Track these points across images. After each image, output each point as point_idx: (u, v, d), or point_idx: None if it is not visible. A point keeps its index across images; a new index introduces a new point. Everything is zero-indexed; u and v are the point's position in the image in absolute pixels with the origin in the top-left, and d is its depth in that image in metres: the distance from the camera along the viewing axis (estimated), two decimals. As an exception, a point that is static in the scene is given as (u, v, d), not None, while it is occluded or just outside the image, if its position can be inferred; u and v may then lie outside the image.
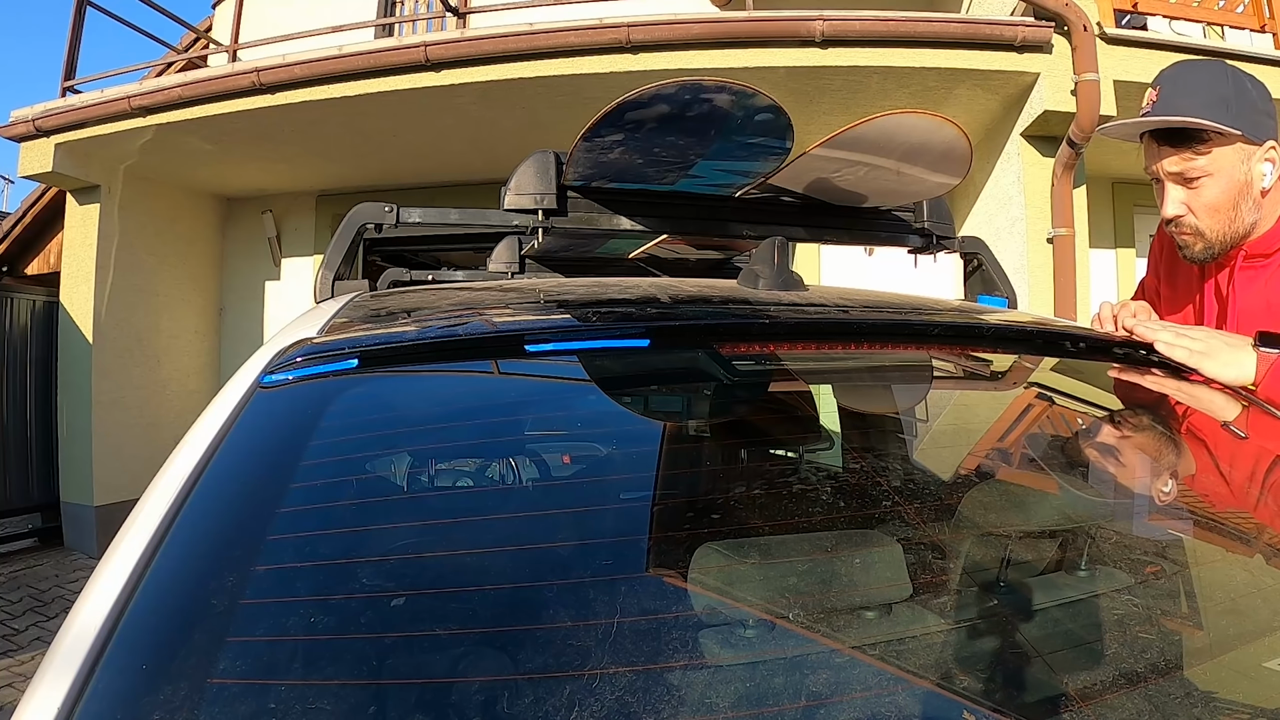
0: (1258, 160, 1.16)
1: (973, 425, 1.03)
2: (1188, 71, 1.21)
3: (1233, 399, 1.00)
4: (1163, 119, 1.17)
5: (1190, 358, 1.04)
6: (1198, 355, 1.04)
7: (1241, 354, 1.06)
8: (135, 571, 0.53)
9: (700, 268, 1.95)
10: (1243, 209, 1.18)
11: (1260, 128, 1.15)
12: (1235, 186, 1.16)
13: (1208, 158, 1.16)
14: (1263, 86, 1.19)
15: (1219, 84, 1.16)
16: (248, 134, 4.69)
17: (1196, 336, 1.07)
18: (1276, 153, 1.17)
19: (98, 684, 0.46)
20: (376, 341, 0.82)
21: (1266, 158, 1.16)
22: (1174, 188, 1.20)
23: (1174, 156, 1.18)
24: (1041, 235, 3.96)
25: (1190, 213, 1.20)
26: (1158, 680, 0.54)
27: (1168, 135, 1.18)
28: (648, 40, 3.88)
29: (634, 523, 0.72)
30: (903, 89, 4.07)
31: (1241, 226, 1.19)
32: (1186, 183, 1.19)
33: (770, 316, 0.93)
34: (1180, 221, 1.21)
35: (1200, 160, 1.16)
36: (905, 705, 0.51)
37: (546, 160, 1.28)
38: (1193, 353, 1.04)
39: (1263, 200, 1.19)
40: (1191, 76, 1.19)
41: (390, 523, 0.70)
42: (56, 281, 5.27)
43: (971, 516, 0.77)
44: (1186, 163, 1.17)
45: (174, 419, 5.49)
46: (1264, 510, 0.81)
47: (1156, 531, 0.78)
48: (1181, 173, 1.18)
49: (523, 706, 0.47)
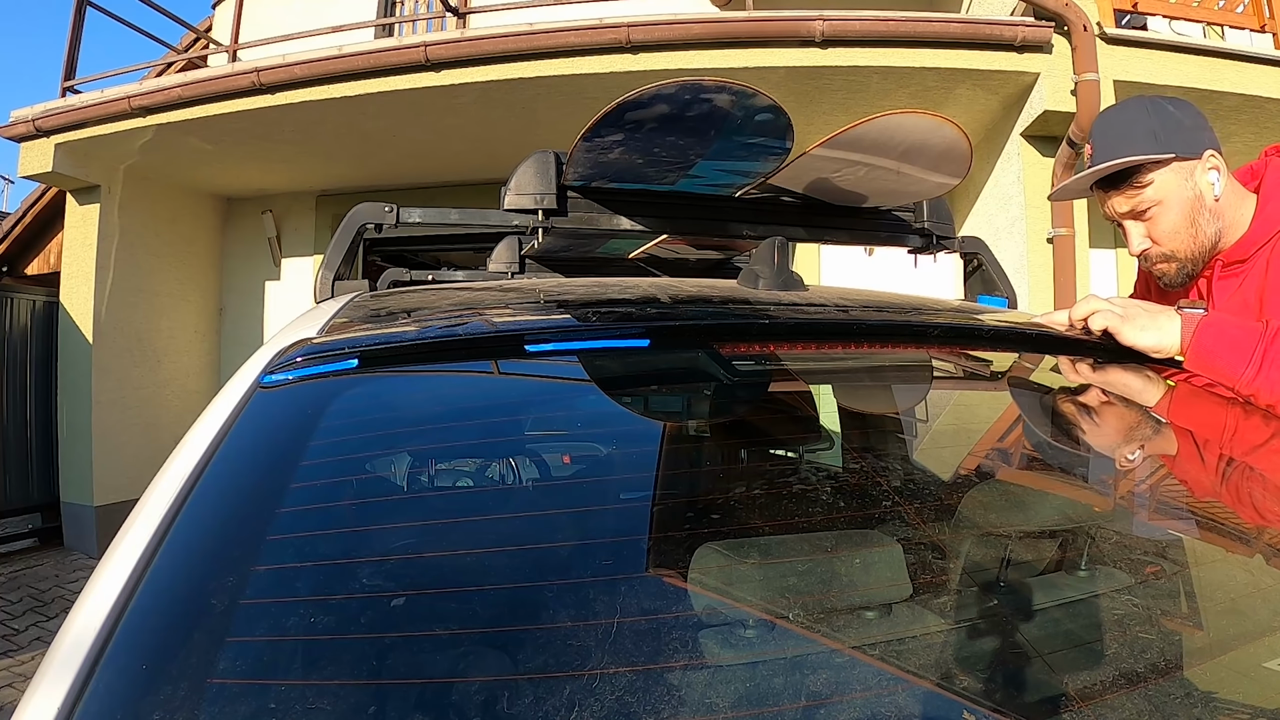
0: (1201, 173, 1.19)
1: (973, 425, 1.03)
2: (1112, 118, 1.26)
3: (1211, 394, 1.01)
4: (1094, 169, 1.22)
5: (1108, 321, 1.04)
6: (1117, 319, 1.04)
7: (1162, 318, 1.05)
8: (135, 571, 0.53)
9: (700, 268, 1.95)
10: (1201, 222, 1.20)
11: (1192, 143, 1.19)
12: (1187, 204, 1.20)
13: (1151, 187, 1.20)
14: (1186, 105, 1.23)
15: (1141, 119, 1.21)
16: (248, 134, 4.69)
17: (1116, 303, 1.07)
18: (1217, 159, 1.20)
19: (98, 684, 0.46)
20: (376, 341, 0.82)
21: (1210, 167, 1.19)
22: (1132, 225, 1.25)
23: (1119, 197, 1.23)
24: (1041, 235, 3.96)
25: (1155, 242, 1.24)
26: (1158, 680, 0.54)
27: (1110, 180, 1.23)
28: (648, 40, 3.88)
29: (634, 523, 0.72)
30: (903, 89, 4.07)
31: (1205, 239, 1.21)
32: (1140, 216, 1.23)
33: (770, 316, 0.93)
34: (1148, 254, 1.25)
35: (1146, 192, 1.20)
36: (905, 705, 0.51)
37: (546, 160, 1.28)
38: (1114, 316, 1.04)
39: (1220, 208, 1.21)
40: (1116, 120, 1.24)
41: (390, 523, 0.70)
42: (56, 281, 5.28)
43: (971, 516, 0.77)
44: (1133, 199, 1.22)
45: (174, 419, 5.49)
46: (1254, 503, 0.81)
47: (1156, 531, 0.78)
48: (1133, 209, 1.23)
49: (523, 706, 0.47)
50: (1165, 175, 1.19)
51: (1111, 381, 1.04)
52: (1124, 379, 1.04)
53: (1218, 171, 1.19)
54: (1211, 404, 1.02)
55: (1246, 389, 1.00)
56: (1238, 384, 1.00)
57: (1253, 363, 1.00)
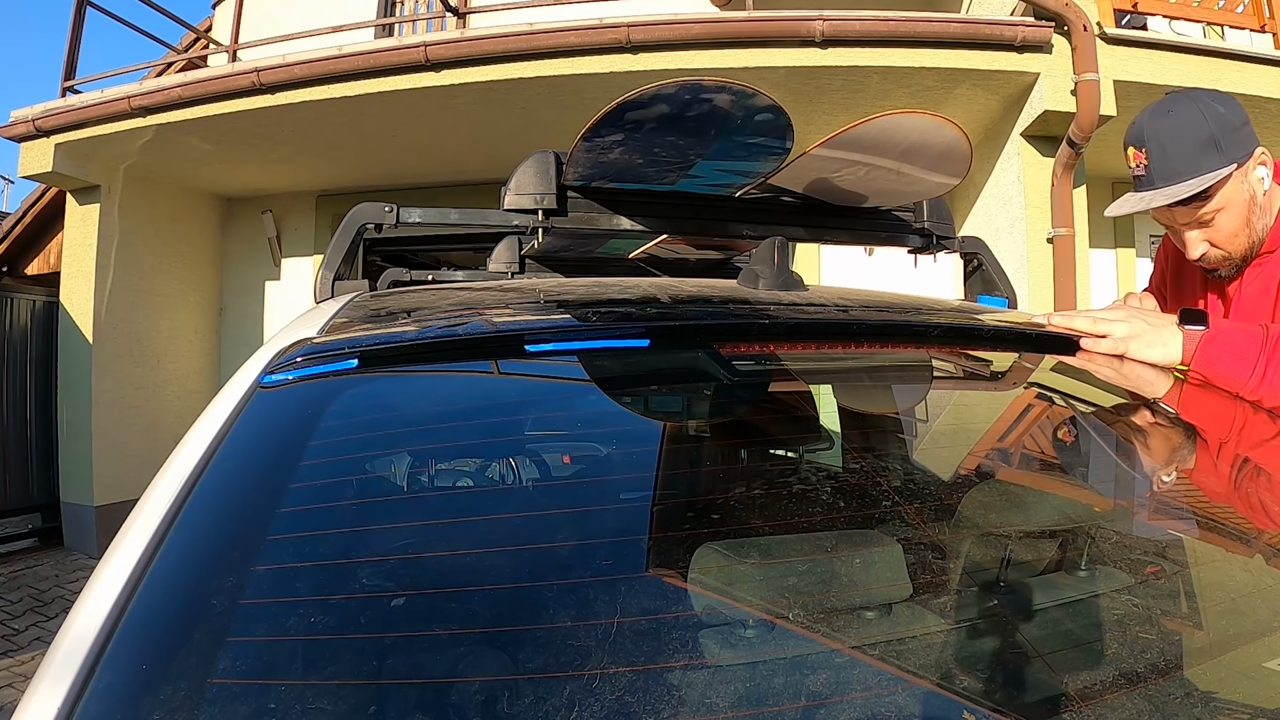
0: (1252, 171, 1.20)
1: (973, 425, 1.03)
2: (1165, 123, 1.20)
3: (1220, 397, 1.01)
4: (1171, 193, 1.18)
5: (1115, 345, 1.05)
6: (1122, 341, 1.05)
7: (1166, 333, 1.07)
8: (135, 571, 0.53)
9: (700, 268, 1.95)
10: (1254, 221, 1.22)
11: (1245, 145, 1.18)
12: (1244, 206, 1.20)
13: (1215, 198, 1.19)
14: (1230, 101, 1.20)
15: (1198, 126, 1.17)
16: (248, 134, 4.69)
17: (1117, 319, 1.08)
18: (1266, 154, 1.20)
19: (98, 684, 0.46)
20: (376, 341, 0.82)
21: (1259, 163, 1.20)
22: (1192, 232, 1.24)
23: (1184, 210, 1.21)
24: (1041, 235, 3.96)
25: (1214, 245, 1.24)
26: (1158, 680, 0.54)
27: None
28: (648, 40, 3.88)
29: (634, 523, 0.72)
30: (903, 89, 4.07)
31: (1258, 235, 1.23)
32: (1203, 225, 1.22)
33: (770, 316, 0.93)
34: (1207, 256, 1.26)
35: (1210, 203, 1.19)
36: (905, 705, 0.51)
37: (546, 160, 1.28)
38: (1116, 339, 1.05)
39: (1268, 202, 1.22)
40: (1170, 127, 1.19)
41: (390, 523, 0.70)
42: (56, 281, 5.27)
43: (971, 516, 0.77)
44: (1198, 212, 1.21)
45: (174, 419, 5.49)
46: (1254, 502, 0.81)
47: (1156, 531, 0.78)
48: (1196, 219, 1.22)
49: (523, 706, 0.47)
50: (1227, 184, 1.18)
51: (1112, 381, 1.04)
52: (1124, 379, 1.04)
53: (1265, 166, 1.20)
54: (1212, 403, 1.03)
55: (1252, 396, 1.02)
56: (1243, 392, 1.02)
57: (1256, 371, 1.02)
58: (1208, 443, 0.99)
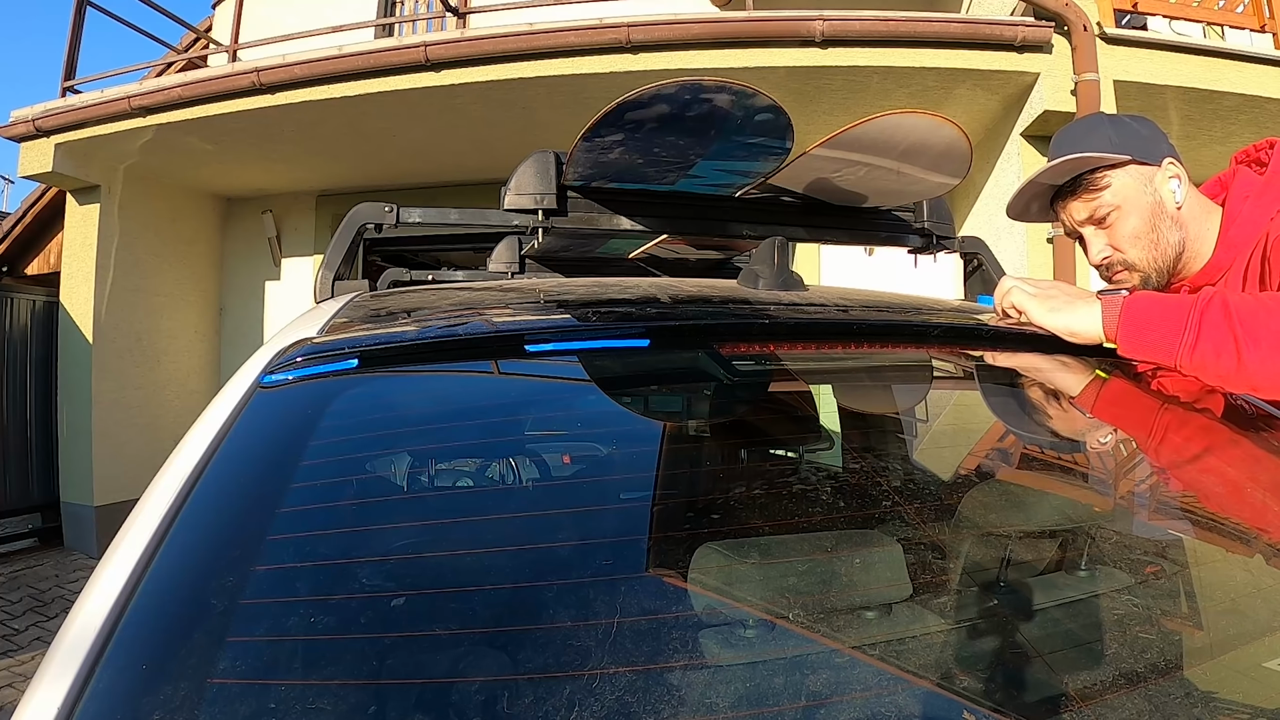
0: (1161, 181, 1.19)
1: (973, 425, 1.03)
2: (1070, 129, 1.27)
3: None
4: (1048, 166, 1.21)
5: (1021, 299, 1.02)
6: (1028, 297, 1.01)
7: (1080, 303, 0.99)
8: (135, 571, 0.53)
9: (700, 268, 1.95)
10: (1162, 229, 1.19)
11: (1149, 150, 1.18)
12: (1147, 210, 1.18)
13: (1109, 190, 1.19)
14: (1143, 119, 1.23)
15: (1096, 128, 1.22)
16: (248, 134, 4.70)
17: (1034, 282, 1.04)
18: (1177, 167, 1.19)
19: (98, 684, 0.46)
20: (376, 341, 0.82)
21: (1170, 175, 1.19)
22: (1092, 233, 1.23)
23: (1076, 202, 1.22)
24: (1041, 235, 3.96)
25: (1115, 249, 1.22)
26: (1158, 680, 0.54)
27: (1069, 187, 1.22)
28: (648, 40, 3.88)
29: (634, 523, 0.72)
30: (903, 89, 4.07)
31: (1168, 247, 1.19)
32: (1100, 223, 1.22)
33: (770, 316, 0.93)
34: (1109, 262, 1.23)
35: (1104, 195, 1.19)
36: (905, 705, 0.51)
37: (546, 160, 1.28)
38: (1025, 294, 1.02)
39: (1183, 217, 1.19)
40: (1073, 130, 1.25)
41: (390, 523, 0.70)
42: (56, 281, 5.28)
43: (971, 516, 0.77)
44: (1091, 203, 1.20)
45: (174, 419, 5.49)
46: (1253, 501, 0.81)
47: (1156, 531, 0.78)
48: (1091, 215, 1.21)
49: (523, 706, 0.47)
50: (1123, 178, 1.18)
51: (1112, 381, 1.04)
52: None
53: (1178, 180, 1.19)
54: (1211, 403, 1.02)
55: (1187, 363, 0.93)
56: (1176, 359, 0.93)
57: (1188, 330, 0.92)
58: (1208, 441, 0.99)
